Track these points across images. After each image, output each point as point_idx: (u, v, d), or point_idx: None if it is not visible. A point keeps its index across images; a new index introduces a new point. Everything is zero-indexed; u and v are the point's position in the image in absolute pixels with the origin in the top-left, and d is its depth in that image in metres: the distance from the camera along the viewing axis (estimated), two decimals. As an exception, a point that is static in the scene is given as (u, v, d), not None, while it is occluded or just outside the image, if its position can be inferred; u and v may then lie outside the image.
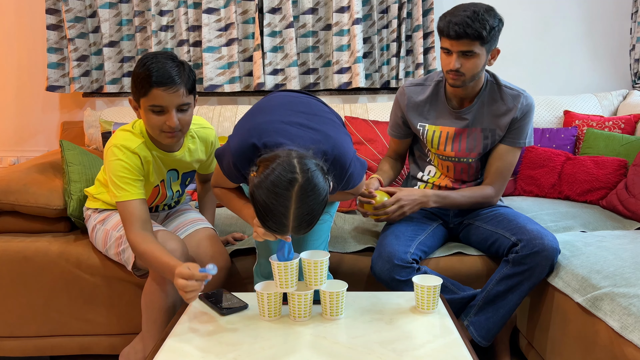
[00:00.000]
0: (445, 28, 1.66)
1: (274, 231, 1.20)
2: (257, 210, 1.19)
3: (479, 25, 1.62)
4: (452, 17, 1.65)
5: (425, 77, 1.91)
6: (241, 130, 1.37)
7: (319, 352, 1.17)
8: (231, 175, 1.41)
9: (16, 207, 1.88)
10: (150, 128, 1.57)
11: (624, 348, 1.22)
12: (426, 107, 1.87)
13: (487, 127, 1.82)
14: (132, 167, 1.57)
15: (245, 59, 2.77)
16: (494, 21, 1.65)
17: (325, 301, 1.33)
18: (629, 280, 1.37)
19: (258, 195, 1.17)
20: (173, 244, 1.61)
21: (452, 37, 1.64)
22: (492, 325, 1.68)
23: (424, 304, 1.36)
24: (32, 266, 1.84)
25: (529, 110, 1.80)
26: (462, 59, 1.67)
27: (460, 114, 1.82)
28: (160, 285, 1.59)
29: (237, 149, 1.33)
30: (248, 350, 1.18)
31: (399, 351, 1.17)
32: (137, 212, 1.55)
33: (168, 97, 1.49)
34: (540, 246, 1.57)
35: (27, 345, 1.90)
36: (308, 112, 1.42)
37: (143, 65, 1.49)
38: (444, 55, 1.72)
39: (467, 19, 1.62)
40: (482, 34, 1.63)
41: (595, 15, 2.87)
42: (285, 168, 1.15)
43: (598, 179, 2.17)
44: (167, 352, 1.19)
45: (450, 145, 1.84)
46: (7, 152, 2.89)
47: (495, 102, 1.81)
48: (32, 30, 2.79)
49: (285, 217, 1.16)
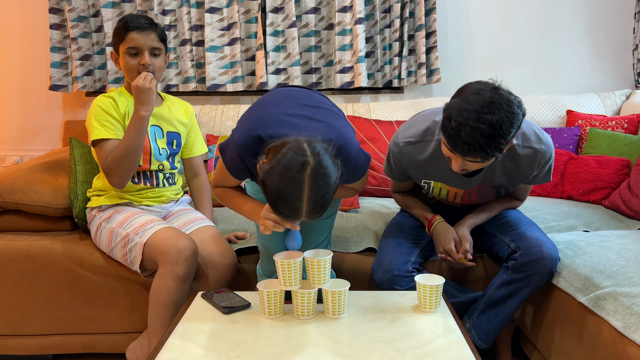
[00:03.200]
0: (452, 139, 1.33)
1: (287, 217, 1.19)
2: (269, 197, 1.18)
3: (494, 148, 1.31)
4: (462, 129, 1.30)
5: (422, 133, 1.59)
6: (245, 123, 1.36)
7: (322, 350, 1.17)
8: (234, 170, 1.40)
9: (20, 206, 1.89)
10: (128, 72, 1.77)
11: (627, 347, 1.22)
12: (429, 167, 1.62)
13: (499, 184, 1.64)
14: (107, 107, 1.75)
15: (248, 58, 2.77)
16: (514, 129, 1.32)
17: (327, 300, 1.33)
18: (632, 279, 1.36)
19: (270, 181, 1.16)
20: (184, 242, 1.62)
21: (458, 153, 1.35)
22: (492, 329, 1.68)
23: (427, 303, 1.36)
24: (35, 265, 1.84)
25: (547, 163, 1.59)
26: (469, 164, 1.40)
27: (468, 179, 1.62)
28: (166, 282, 1.60)
29: (241, 142, 1.32)
30: (250, 349, 1.18)
31: (402, 350, 1.17)
32: (110, 146, 1.73)
33: (142, 39, 1.74)
34: (539, 254, 1.56)
35: (30, 344, 1.90)
36: (311, 105, 1.41)
37: (121, 20, 1.77)
38: (444, 147, 1.42)
39: (482, 138, 1.29)
40: (496, 155, 1.34)
41: (598, 15, 2.86)
42: (296, 152, 1.15)
43: (601, 178, 2.17)
44: (170, 350, 1.19)
45: (460, 199, 1.73)
46: (10, 151, 2.90)
47: (508, 161, 1.57)
48: (35, 29, 2.80)
49: (299, 201, 1.16)
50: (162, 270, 1.62)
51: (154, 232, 1.66)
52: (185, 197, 2.02)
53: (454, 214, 1.83)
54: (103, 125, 1.74)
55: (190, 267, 1.62)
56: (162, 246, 1.62)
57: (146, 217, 1.74)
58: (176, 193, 1.94)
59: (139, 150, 1.72)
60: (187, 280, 1.63)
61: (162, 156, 1.85)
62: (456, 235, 1.66)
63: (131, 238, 1.68)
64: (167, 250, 1.61)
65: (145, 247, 1.65)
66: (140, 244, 1.66)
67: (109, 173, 1.72)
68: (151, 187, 1.84)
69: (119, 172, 1.71)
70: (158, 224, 1.70)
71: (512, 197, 1.80)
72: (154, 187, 1.85)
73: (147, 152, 1.81)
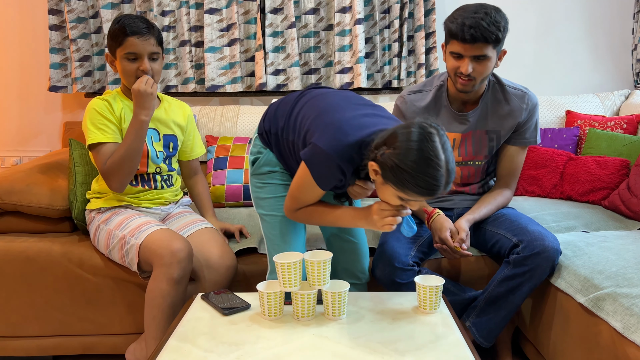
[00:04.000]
0: (458, 32, 1.57)
1: (425, 193, 1.23)
2: (405, 178, 1.22)
3: (494, 27, 1.56)
4: (464, 20, 1.56)
5: (423, 83, 1.84)
6: (327, 134, 1.34)
7: (322, 352, 1.17)
8: (330, 180, 1.38)
9: (19, 207, 1.89)
10: (126, 76, 1.74)
11: (627, 348, 1.22)
12: (429, 114, 1.80)
13: (492, 129, 1.78)
14: (103, 111, 1.74)
15: (247, 59, 2.78)
16: (504, 21, 1.60)
17: (327, 301, 1.33)
18: (632, 280, 1.37)
19: (406, 163, 1.20)
20: (178, 244, 1.61)
21: (467, 41, 1.57)
22: (493, 326, 1.68)
23: (426, 304, 1.36)
24: (35, 266, 1.85)
25: (534, 109, 1.78)
26: (474, 63, 1.61)
27: (464, 118, 1.78)
28: (160, 284, 1.60)
29: (337, 151, 1.32)
30: (250, 350, 1.18)
31: (401, 351, 1.17)
32: (108, 150, 1.72)
33: (141, 44, 1.70)
34: (541, 247, 1.57)
35: (29, 345, 1.90)
36: (365, 103, 1.47)
37: (118, 22, 1.72)
38: (452, 59, 1.65)
39: (482, 21, 1.55)
40: (499, 36, 1.57)
41: (597, 15, 2.87)
42: (416, 131, 1.22)
43: (600, 179, 2.17)
44: (170, 352, 1.19)
45: (457, 150, 1.82)
46: (9, 152, 2.90)
47: (499, 102, 1.77)
48: (34, 30, 2.80)
49: (441, 168, 1.21)
50: (156, 272, 1.61)
51: (149, 233, 1.66)
52: (185, 198, 2.02)
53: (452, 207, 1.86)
54: (99, 129, 1.72)
55: (184, 269, 1.62)
56: (156, 248, 1.62)
57: (142, 219, 1.73)
58: (175, 194, 1.94)
59: (138, 154, 1.71)
60: (181, 282, 1.62)
61: (159, 159, 1.85)
62: (453, 227, 1.68)
63: (127, 240, 1.68)
64: (161, 252, 1.60)
65: (140, 248, 1.65)
66: (136, 246, 1.66)
67: (108, 177, 1.71)
68: (149, 190, 1.84)
69: (118, 176, 1.70)
70: (153, 226, 1.69)
71: (501, 187, 1.83)
72: (152, 189, 1.85)
73: (144, 155, 1.80)
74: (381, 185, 1.30)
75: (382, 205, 1.34)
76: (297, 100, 1.55)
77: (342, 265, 1.72)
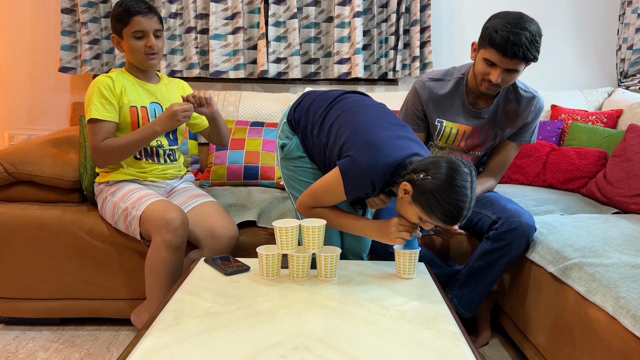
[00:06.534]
0: (501, 44, 1.61)
1: (446, 220, 1.36)
2: (435, 207, 1.34)
3: (534, 49, 1.62)
4: (509, 34, 1.60)
5: (444, 72, 1.90)
6: (364, 151, 1.45)
7: (314, 305, 1.29)
8: (358, 191, 1.49)
9: (32, 177, 1.98)
10: (133, 54, 1.87)
11: (588, 309, 1.35)
12: (445, 103, 1.87)
13: (500, 126, 1.88)
14: (105, 87, 1.83)
15: (250, 47, 2.89)
16: (540, 38, 1.66)
17: (320, 264, 1.46)
18: (597, 252, 1.50)
19: (440, 193, 1.32)
20: (172, 213, 1.72)
21: (507, 56, 1.62)
22: (474, 298, 1.81)
23: (405, 269, 1.48)
24: (46, 232, 1.94)
25: (539, 112, 1.88)
26: (505, 74, 1.68)
27: (479, 114, 1.86)
28: (160, 252, 1.71)
29: (374, 170, 1.43)
30: (250, 303, 1.30)
31: (386, 306, 1.29)
32: (104, 127, 1.81)
33: (147, 22, 1.83)
34: (517, 223, 1.70)
35: (39, 307, 2.00)
36: (396, 123, 1.56)
37: (120, 5, 1.84)
38: (484, 64, 1.70)
39: (527, 41, 1.60)
40: (536, 56, 1.64)
41: (584, 16, 2.99)
42: (457, 170, 1.34)
43: (579, 168, 2.31)
44: (177, 302, 1.31)
45: (464, 141, 1.91)
46: (19, 130, 3.01)
47: (510, 102, 1.85)
48: (46, 13, 2.90)
49: (466, 204, 1.34)
50: (155, 241, 1.72)
51: (148, 205, 1.76)
52: (189, 175, 2.14)
53: None
54: (103, 105, 1.83)
55: (180, 236, 1.72)
56: (152, 218, 1.72)
57: (143, 192, 1.84)
58: (179, 170, 2.05)
59: (133, 152, 1.84)
60: (180, 249, 1.73)
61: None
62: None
63: (129, 211, 1.79)
64: (157, 222, 1.71)
65: (141, 219, 1.76)
66: (137, 217, 1.76)
67: (97, 154, 1.81)
68: (152, 163, 1.94)
69: (107, 158, 1.83)
70: (153, 197, 1.80)
71: (488, 177, 1.95)
72: (154, 162, 1.95)
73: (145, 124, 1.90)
74: (407, 204, 1.41)
75: (402, 220, 1.46)
76: (331, 105, 1.63)
77: (346, 245, 1.84)
